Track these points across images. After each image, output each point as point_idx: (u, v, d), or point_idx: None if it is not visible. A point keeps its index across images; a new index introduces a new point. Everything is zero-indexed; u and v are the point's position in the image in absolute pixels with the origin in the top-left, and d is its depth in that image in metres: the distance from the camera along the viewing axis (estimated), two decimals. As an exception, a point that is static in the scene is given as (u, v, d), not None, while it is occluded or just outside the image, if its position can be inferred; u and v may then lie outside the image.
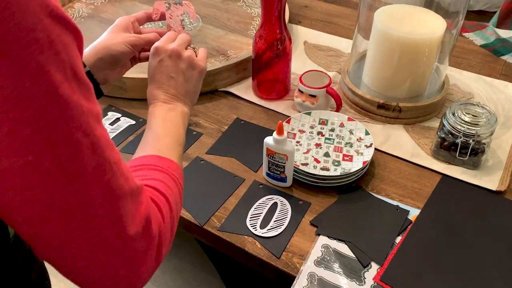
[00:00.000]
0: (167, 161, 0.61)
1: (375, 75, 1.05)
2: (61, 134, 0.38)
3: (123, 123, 1.04)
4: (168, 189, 0.56)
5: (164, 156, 0.61)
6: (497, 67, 1.23)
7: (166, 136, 0.65)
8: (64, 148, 0.38)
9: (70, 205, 0.40)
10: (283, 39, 1.00)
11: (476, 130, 0.87)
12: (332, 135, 0.96)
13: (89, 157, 0.40)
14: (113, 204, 0.42)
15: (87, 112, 0.40)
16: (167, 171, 0.59)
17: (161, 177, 0.57)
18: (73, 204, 0.40)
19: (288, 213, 0.84)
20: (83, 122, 0.39)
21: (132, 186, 0.45)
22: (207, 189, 0.89)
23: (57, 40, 0.37)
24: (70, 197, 0.40)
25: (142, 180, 0.54)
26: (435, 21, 0.99)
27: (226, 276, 1.20)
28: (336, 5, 1.50)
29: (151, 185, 0.54)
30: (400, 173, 0.92)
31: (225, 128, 1.03)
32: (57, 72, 0.37)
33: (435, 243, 0.79)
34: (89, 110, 0.40)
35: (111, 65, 0.77)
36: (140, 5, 1.43)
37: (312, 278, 0.73)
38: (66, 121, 0.38)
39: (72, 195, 0.40)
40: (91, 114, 0.41)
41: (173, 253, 1.25)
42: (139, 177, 0.55)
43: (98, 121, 0.42)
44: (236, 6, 1.43)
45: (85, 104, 0.40)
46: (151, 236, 0.47)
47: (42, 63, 0.36)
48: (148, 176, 0.56)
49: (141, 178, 0.55)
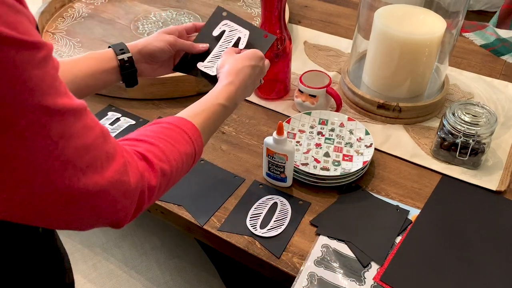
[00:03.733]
0: (181, 119, 0.62)
1: (375, 75, 1.05)
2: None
3: (123, 123, 1.04)
4: (162, 140, 0.56)
5: (183, 117, 0.63)
6: (497, 67, 1.23)
7: (203, 114, 0.67)
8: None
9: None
10: (283, 39, 1.00)
11: (476, 130, 0.87)
12: (332, 135, 0.96)
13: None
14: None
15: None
16: (179, 127, 0.60)
17: (166, 134, 0.58)
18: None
19: (288, 213, 0.84)
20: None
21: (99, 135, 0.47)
22: (207, 189, 0.89)
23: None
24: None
25: (144, 135, 0.56)
26: (435, 21, 0.99)
27: (226, 276, 1.20)
28: (336, 5, 1.50)
29: (140, 138, 0.56)
30: (400, 173, 0.92)
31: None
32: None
33: (435, 243, 0.79)
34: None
35: (148, 58, 0.81)
36: (140, 4, 1.43)
37: (312, 278, 0.73)
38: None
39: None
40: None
41: (173, 253, 1.25)
42: (142, 132, 0.57)
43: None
44: (236, 6, 1.43)
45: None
46: (126, 188, 0.48)
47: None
48: (152, 132, 0.58)
49: (142, 133, 0.57)
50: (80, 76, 0.74)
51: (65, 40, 1.26)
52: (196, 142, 0.62)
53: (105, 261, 1.25)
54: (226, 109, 0.70)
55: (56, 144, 0.41)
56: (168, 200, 0.87)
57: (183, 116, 0.64)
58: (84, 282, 1.19)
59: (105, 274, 1.22)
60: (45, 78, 0.40)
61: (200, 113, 0.66)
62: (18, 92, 0.38)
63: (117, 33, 1.30)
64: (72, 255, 1.23)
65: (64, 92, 0.43)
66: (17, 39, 0.37)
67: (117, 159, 0.47)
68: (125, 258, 1.25)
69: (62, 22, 1.34)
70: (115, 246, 1.29)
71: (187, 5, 1.43)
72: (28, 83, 0.38)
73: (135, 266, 1.23)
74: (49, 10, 1.34)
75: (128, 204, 0.49)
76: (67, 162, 0.42)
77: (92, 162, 0.44)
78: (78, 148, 0.43)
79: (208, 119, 0.66)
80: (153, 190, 0.53)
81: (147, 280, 1.20)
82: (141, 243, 1.28)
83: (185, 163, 0.60)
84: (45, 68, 0.40)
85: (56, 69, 0.43)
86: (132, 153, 0.52)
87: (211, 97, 0.70)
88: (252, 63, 0.76)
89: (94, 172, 0.44)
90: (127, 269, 1.22)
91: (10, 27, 0.37)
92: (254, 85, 0.78)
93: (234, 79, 0.73)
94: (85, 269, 1.23)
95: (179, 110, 1.06)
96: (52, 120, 0.41)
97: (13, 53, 0.37)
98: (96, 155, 0.45)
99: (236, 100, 0.73)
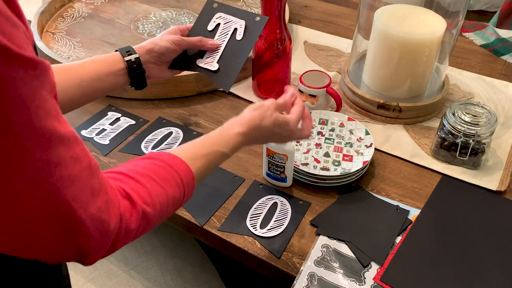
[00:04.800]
0: (177, 159, 0.59)
1: (375, 75, 1.05)
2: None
3: (123, 123, 1.04)
4: (151, 180, 0.54)
5: (177, 156, 0.60)
6: (497, 67, 1.23)
7: (202, 159, 0.63)
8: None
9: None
10: (283, 39, 1.00)
11: (476, 130, 0.87)
12: (332, 135, 0.96)
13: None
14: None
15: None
16: (173, 168, 0.57)
17: (158, 173, 0.55)
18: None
19: (288, 213, 0.84)
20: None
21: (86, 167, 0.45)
22: (207, 189, 0.89)
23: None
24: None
25: (134, 172, 0.54)
26: (435, 21, 0.99)
27: (226, 276, 1.20)
28: (336, 5, 1.50)
29: (129, 174, 0.53)
30: (400, 173, 0.92)
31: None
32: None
33: (435, 243, 0.79)
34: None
35: (156, 58, 0.81)
36: (140, 4, 1.43)
37: (312, 278, 0.73)
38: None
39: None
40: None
41: (173, 253, 1.25)
42: (133, 167, 0.55)
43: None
44: (236, 6, 1.43)
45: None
46: (105, 227, 0.46)
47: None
48: (143, 169, 0.55)
49: (132, 168, 0.54)
50: (86, 79, 0.73)
51: (65, 40, 1.26)
52: (187, 186, 0.58)
53: (105, 261, 1.25)
54: (226, 156, 0.67)
55: (40, 171, 0.39)
56: (168, 200, 0.87)
57: (181, 156, 0.60)
58: (84, 282, 1.19)
59: (105, 274, 1.22)
60: (35, 99, 0.38)
61: (199, 158, 0.62)
62: (2, 109, 0.36)
63: (117, 33, 1.30)
64: (72, 255, 1.24)
65: (54, 116, 0.40)
66: (11, 51, 0.35)
67: (101, 196, 0.46)
68: (125, 258, 1.25)
69: (62, 22, 1.34)
70: (115, 246, 1.29)
71: (187, 5, 1.43)
72: (15, 101, 0.36)
73: (135, 266, 1.23)
74: (49, 10, 1.34)
75: (103, 243, 0.47)
76: (50, 191, 0.40)
77: (76, 195, 0.42)
78: (64, 177, 0.41)
79: (206, 165, 0.63)
80: (131, 233, 0.50)
81: (147, 280, 1.20)
82: (141, 243, 1.28)
83: (171, 207, 0.57)
84: (36, 88, 0.38)
85: (50, 90, 0.40)
86: (117, 190, 0.49)
87: (216, 141, 0.66)
88: (277, 130, 0.70)
89: (77, 204, 0.43)
90: (127, 269, 1.22)
91: (5, 38, 0.35)
92: (266, 142, 0.77)
93: (247, 132, 0.68)
94: (85, 269, 1.23)
95: (179, 110, 1.07)
96: (37, 144, 0.39)
97: (4, 67, 0.35)
98: (81, 188, 0.43)
99: (239, 149, 0.69)
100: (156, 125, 1.03)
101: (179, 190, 0.57)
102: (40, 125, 0.39)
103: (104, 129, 1.02)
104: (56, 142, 0.40)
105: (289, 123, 0.72)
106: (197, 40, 0.83)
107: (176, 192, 0.57)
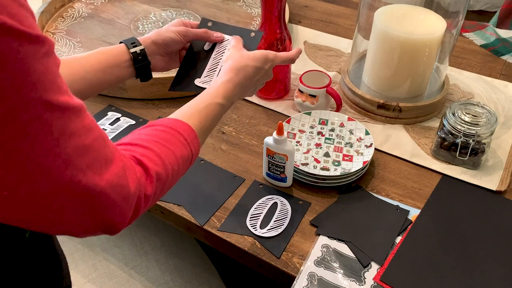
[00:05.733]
0: (176, 121, 0.60)
1: (375, 75, 1.05)
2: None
3: (123, 123, 1.04)
4: (157, 143, 0.55)
5: (179, 119, 0.61)
6: (497, 67, 1.23)
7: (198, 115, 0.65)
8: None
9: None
10: (283, 39, 1.00)
11: (476, 130, 0.87)
12: (332, 135, 0.96)
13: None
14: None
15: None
16: (174, 130, 0.59)
17: (161, 137, 0.57)
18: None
19: (288, 213, 0.84)
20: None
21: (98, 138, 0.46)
22: (207, 189, 0.89)
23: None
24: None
25: (138, 139, 0.55)
26: (435, 21, 0.99)
27: (226, 276, 1.20)
28: (336, 5, 1.50)
29: (134, 142, 0.54)
30: (400, 173, 0.92)
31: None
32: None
33: (435, 243, 0.79)
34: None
35: (161, 49, 0.81)
36: (140, 4, 1.43)
37: (312, 278, 0.73)
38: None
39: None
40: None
41: (173, 253, 1.25)
42: (137, 136, 0.56)
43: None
44: (236, 6, 1.43)
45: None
46: (127, 192, 0.47)
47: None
48: (146, 135, 0.56)
49: (136, 137, 0.56)
50: (91, 72, 0.73)
51: (65, 40, 1.26)
52: (192, 144, 0.60)
53: (105, 261, 1.25)
54: (223, 107, 0.69)
55: (57, 141, 0.41)
56: (168, 200, 0.87)
57: (178, 117, 0.62)
58: (84, 282, 1.19)
59: (105, 274, 1.22)
60: (47, 74, 0.40)
61: (196, 114, 0.64)
62: (20, 86, 0.37)
63: (117, 33, 1.30)
64: (72, 255, 1.23)
65: (65, 90, 0.42)
66: (21, 31, 0.37)
67: (116, 163, 0.47)
68: (125, 258, 1.25)
69: (62, 22, 1.34)
70: (115, 246, 1.29)
71: (187, 5, 1.43)
72: (30, 77, 0.38)
73: (135, 266, 1.23)
74: (49, 10, 1.34)
75: (126, 209, 0.48)
76: (67, 160, 0.42)
77: (91, 163, 0.44)
78: (78, 147, 0.42)
79: (204, 119, 0.65)
80: (149, 195, 0.52)
81: (147, 280, 1.20)
82: (141, 243, 1.28)
83: (181, 166, 0.58)
84: (47, 63, 0.40)
85: (57, 66, 0.42)
86: (129, 157, 0.51)
87: (208, 95, 0.68)
88: (258, 64, 0.74)
89: (93, 173, 0.44)
90: (127, 269, 1.22)
91: (13, 19, 0.36)
92: (255, 87, 0.77)
93: (233, 77, 0.71)
94: (85, 269, 1.23)
95: (179, 110, 1.07)
96: (53, 116, 0.40)
97: (16, 45, 0.37)
98: (95, 157, 0.44)
99: (233, 98, 0.71)
100: (156, 125, 1.03)
101: (185, 149, 0.59)
102: (55, 98, 0.40)
103: (104, 129, 1.02)
104: (70, 113, 0.42)
105: (268, 54, 0.76)
106: (203, 31, 0.83)
107: (184, 151, 0.58)
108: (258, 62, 0.74)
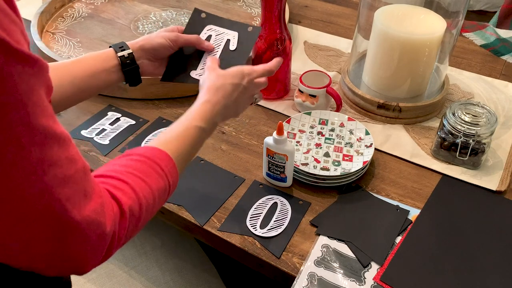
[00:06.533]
0: (153, 150, 0.58)
1: (375, 75, 1.05)
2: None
3: (123, 123, 1.04)
4: (131, 175, 0.53)
5: (155, 146, 0.59)
6: (497, 67, 1.23)
7: (177, 140, 0.63)
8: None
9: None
10: (283, 39, 1.00)
11: (476, 130, 0.87)
12: (332, 135, 0.96)
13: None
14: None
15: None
16: (151, 160, 0.56)
17: (137, 168, 0.54)
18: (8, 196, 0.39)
19: (288, 213, 0.84)
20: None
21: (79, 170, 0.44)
22: (207, 189, 0.89)
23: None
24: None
25: (113, 171, 0.53)
26: (435, 21, 0.99)
27: (226, 276, 1.20)
28: (336, 5, 1.50)
29: (108, 174, 0.52)
30: (400, 173, 0.92)
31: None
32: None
33: (435, 243, 0.79)
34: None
35: (150, 54, 0.80)
36: (140, 4, 1.43)
37: (312, 278, 0.73)
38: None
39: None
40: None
41: (173, 253, 1.25)
42: (111, 167, 0.54)
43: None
44: (236, 6, 1.43)
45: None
46: (102, 231, 0.45)
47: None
48: (121, 167, 0.54)
49: (111, 168, 0.53)
50: (79, 76, 0.73)
51: (65, 40, 1.26)
52: (170, 174, 0.57)
53: (105, 261, 1.25)
54: (202, 130, 0.66)
55: (35, 169, 0.39)
56: (168, 200, 0.87)
57: (155, 145, 0.59)
58: (84, 282, 1.19)
59: (105, 274, 1.22)
60: (32, 96, 0.38)
61: (173, 140, 0.61)
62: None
63: (117, 33, 1.30)
64: (72, 255, 1.23)
65: (50, 115, 0.40)
66: (10, 46, 0.35)
67: (95, 198, 0.45)
68: (125, 258, 1.25)
69: (62, 22, 1.34)
70: (115, 246, 1.29)
71: (187, 5, 1.43)
72: (13, 97, 0.36)
73: (135, 266, 1.23)
74: (49, 10, 1.34)
75: (100, 247, 0.46)
76: (44, 189, 0.40)
77: (70, 195, 0.42)
78: (58, 177, 0.41)
79: (183, 145, 0.62)
80: (123, 232, 0.49)
81: (147, 280, 1.20)
82: (141, 243, 1.28)
83: (157, 199, 0.56)
84: (33, 85, 0.38)
85: (46, 92, 0.40)
86: (103, 190, 0.48)
87: (185, 119, 0.66)
88: (235, 81, 0.71)
89: (71, 206, 0.42)
90: (127, 269, 1.22)
91: (4, 33, 0.35)
92: (238, 104, 0.73)
93: (211, 97, 0.68)
94: (85, 269, 1.23)
95: (179, 110, 1.07)
96: (33, 141, 0.38)
97: (2, 61, 0.35)
98: (75, 189, 0.42)
99: (214, 119, 0.68)
100: (156, 125, 1.03)
101: (162, 180, 0.56)
102: (36, 123, 0.38)
103: (104, 129, 1.02)
104: (52, 141, 0.40)
105: (243, 69, 0.73)
106: (194, 38, 0.82)
107: (160, 183, 0.56)
108: (235, 79, 0.72)
